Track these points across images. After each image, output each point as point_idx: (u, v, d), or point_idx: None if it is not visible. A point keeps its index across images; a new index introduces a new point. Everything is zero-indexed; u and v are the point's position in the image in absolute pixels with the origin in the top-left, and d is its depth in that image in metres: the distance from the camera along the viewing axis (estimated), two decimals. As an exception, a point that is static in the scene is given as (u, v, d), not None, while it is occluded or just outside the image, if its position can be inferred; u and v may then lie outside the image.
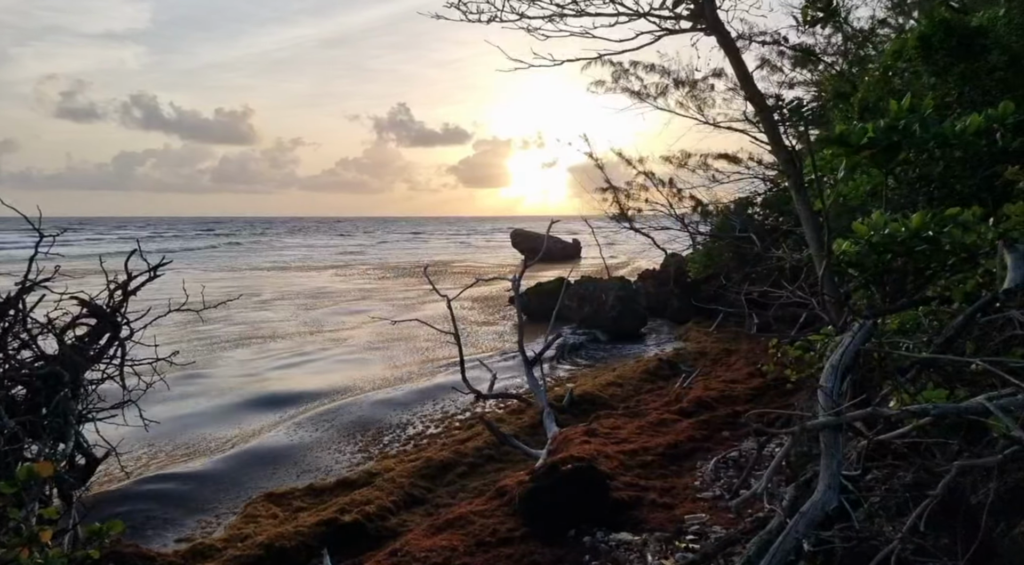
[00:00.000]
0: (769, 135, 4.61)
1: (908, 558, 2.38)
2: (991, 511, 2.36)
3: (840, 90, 8.78)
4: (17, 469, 1.89)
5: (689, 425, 5.77)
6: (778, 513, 2.42)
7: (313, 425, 7.38)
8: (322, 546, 4.24)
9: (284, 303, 18.59)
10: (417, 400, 8.51)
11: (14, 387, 3.31)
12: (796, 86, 12.76)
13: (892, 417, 2.28)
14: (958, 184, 4.75)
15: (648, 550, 3.57)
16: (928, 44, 5.41)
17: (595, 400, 7.46)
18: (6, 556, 1.67)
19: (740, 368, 8.18)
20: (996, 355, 2.96)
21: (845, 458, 2.70)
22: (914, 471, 2.71)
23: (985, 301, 3.05)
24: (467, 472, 5.74)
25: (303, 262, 36.95)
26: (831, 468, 2.16)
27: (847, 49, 11.61)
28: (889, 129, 3.47)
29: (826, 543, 2.54)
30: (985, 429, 2.49)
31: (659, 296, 14.88)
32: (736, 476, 4.58)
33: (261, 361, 10.97)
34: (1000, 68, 5.18)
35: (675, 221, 13.28)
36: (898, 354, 3.02)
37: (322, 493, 5.49)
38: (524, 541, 3.75)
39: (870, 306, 3.65)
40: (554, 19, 4.77)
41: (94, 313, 3.72)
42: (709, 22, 4.39)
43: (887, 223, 3.40)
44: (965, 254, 3.40)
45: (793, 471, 3.52)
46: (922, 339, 3.26)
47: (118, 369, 3.74)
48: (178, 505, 5.25)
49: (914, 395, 2.69)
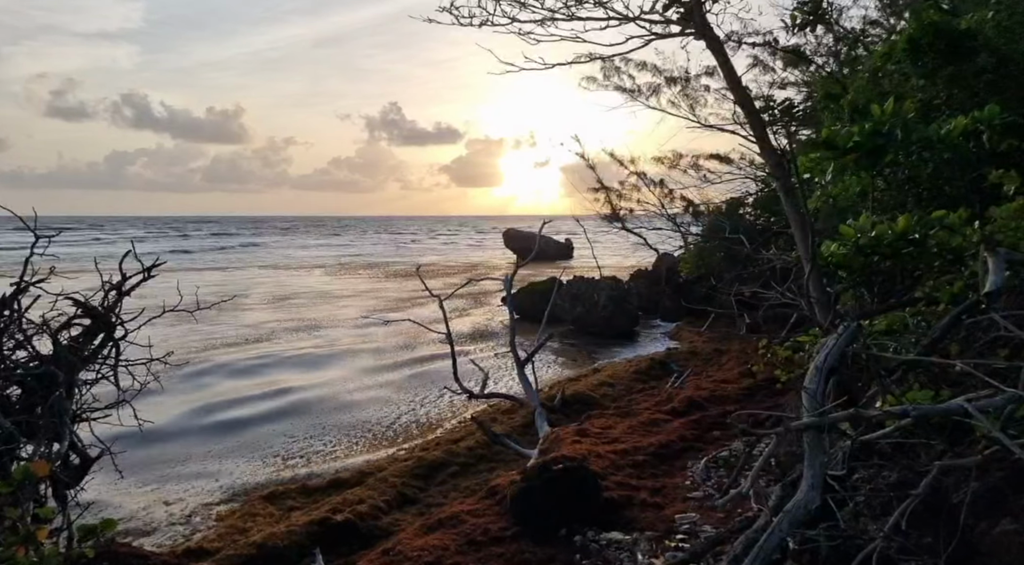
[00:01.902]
0: (758, 137, 4.65)
1: (892, 556, 2.43)
2: (972, 510, 2.41)
3: (830, 91, 8.84)
4: (13, 468, 1.90)
5: (680, 425, 5.81)
6: (764, 512, 2.46)
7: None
8: (315, 545, 4.25)
9: (277, 304, 18.54)
10: (407, 397, 8.56)
11: (9, 387, 3.31)
12: (787, 86, 12.85)
13: (874, 418, 2.33)
14: (947, 186, 4.79)
15: (638, 549, 3.60)
16: (917, 46, 5.45)
17: (587, 400, 7.50)
18: (3, 554, 1.69)
19: (731, 368, 8.24)
20: (981, 356, 3.01)
21: (831, 458, 2.74)
22: (898, 471, 2.76)
23: (970, 303, 3.09)
24: (459, 472, 5.77)
25: (299, 262, 36.83)
26: (814, 468, 2.21)
27: (838, 50, 11.69)
28: (873, 133, 3.52)
29: (812, 542, 2.59)
30: (970, 430, 2.53)
31: (651, 296, 14.96)
32: (726, 476, 4.63)
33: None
34: (988, 70, 5.22)
35: (667, 221, 13.36)
36: (884, 356, 3.07)
37: (314, 492, 5.51)
38: (515, 540, 3.78)
39: (857, 308, 3.70)
40: (545, 23, 4.80)
41: (89, 313, 3.72)
42: (698, 26, 4.43)
43: (874, 225, 3.45)
44: (951, 256, 3.46)
45: (782, 471, 3.56)
46: (909, 340, 3.30)
47: (112, 369, 3.75)
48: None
49: (900, 396, 2.74)
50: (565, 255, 35.24)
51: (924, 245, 3.36)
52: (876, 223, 3.46)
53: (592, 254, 11.40)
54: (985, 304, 3.00)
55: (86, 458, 3.56)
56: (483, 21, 4.88)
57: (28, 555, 1.82)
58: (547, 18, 4.75)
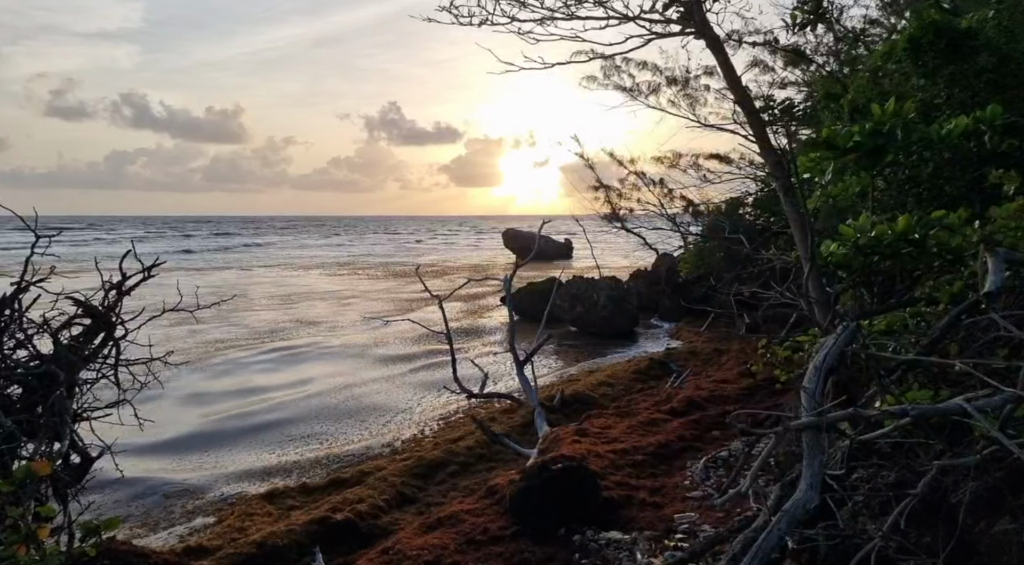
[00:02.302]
0: (757, 137, 4.66)
1: (890, 556, 2.43)
2: (971, 510, 2.42)
3: (830, 91, 8.84)
4: (15, 467, 1.91)
5: (679, 425, 5.82)
6: (763, 512, 2.46)
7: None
8: (314, 544, 4.26)
9: (279, 304, 18.56)
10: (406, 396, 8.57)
11: (10, 386, 3.32)
12: (787, 86, 12.85)
13: (872, 418, 2.33)
14: (947, 186, 4.79)
15: (637, 548, 3.61)
16: (917, 46, 5.45)
17: (586, 400, 7.50)
18: (4, 553, 1.69)
19: (731, 368, 8.24)
20: (980, 356, 3.01)
21: (830, 458, 2.75)
22: (897, 471, 2.76)
23: (969, 303, 3.10)
24: (458, 471, 5.77)
25: (300, 262, 36.82)
26: (812, 467, 2.21)
27: (838, 49, 11.69)
28: (873, 132, 3.52)
29: (810, 541, 2.60)
30: (969, 429, 2.54)
31: (650, 296, 14.96)
32: (726, 476, 4.63)
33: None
34: (989, 70, 5.21)
35: (666, 221, 13.36)
36: (883, 355, 3.07)
37: (314, 491, 5.52)
38: (515, 539, 3.78)
39: (857, 308, 3.70)
40: (544, 22, 4.80)
41: (89, 313, 3.73)
42: (698, 25, 4.43)
43: (874, 225, 3.45)
44: (951, 256, 3.46)
45: (781, 470, 3.57)
46: (909, 340, 3.31)
47: (112, 368, 3.76)
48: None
49: (899, 396, 2.74)
50: (564, 255, 35.24)
51: (924, 245, 3.36)
52: (876, 223, 3.46)
53: (591, 254, 11.41)
54: (985, 304, 3.00)
55: (87, 457, 3.57)
56: (483, 20, 4.89)
57: (29, 553, 1.82)
58: (547, 17, 4.75)
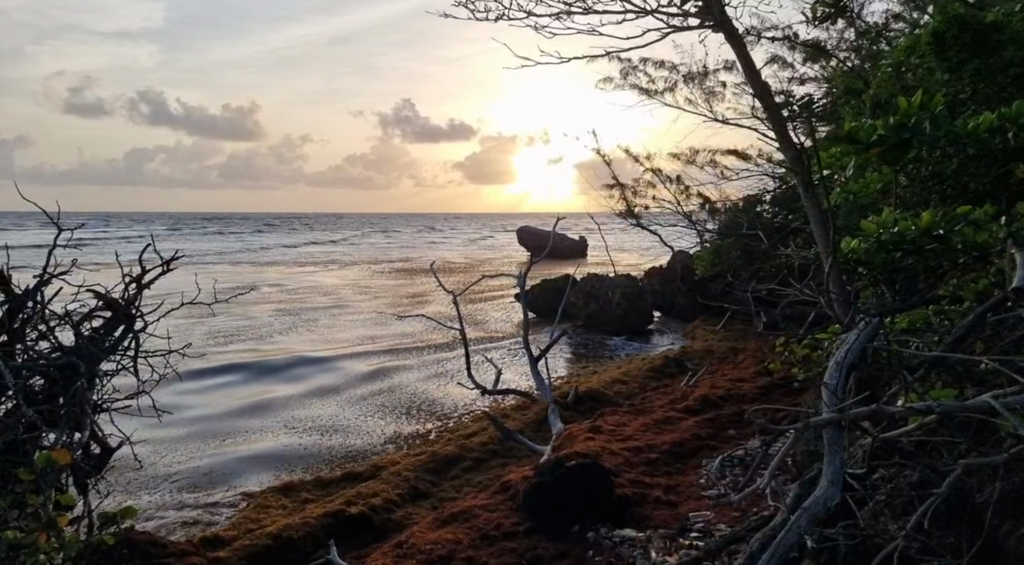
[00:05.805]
0: (777, 132, 4.59)
1: (913, 556, 2.38)
2: (996, 510, 2.36)
3: (852, 86, 8.71)
4: (36, 456, 1.93)
5: (694, 423, 5.77)
6: (782, 510, 2.43)
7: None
8: (329, 537, 4.28)
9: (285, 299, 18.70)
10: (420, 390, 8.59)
11: (32, 377, 3.37)
12: (807, 82, 12.67)
13: (896, 415, 2.28)
14: (971, 182, 4.70)
15: (652, 547, 3.58)
16: (942, 40, 5.35)
17: (600, 397, 7.47)
18: (25, 540, 1.71)
19: (747, 366, 8.16)
20: (1006, 354, 2.95)
21: (851, 457, 2.70)
22: (920, 470, 2.71)
23: (996, 300, 3.03)
24: (472, 467, 5.78)
25: (314, 259, 37.10)
26: (834, 464, 2.17)
27: (860, 45, 11.51)
28: (899, 126, 3.45)
29: (830, 540, 2.55)
30: (994, 428, 2.48)
31: (665, 294, 14.85)
32: (742, 475, 4.59)
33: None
34: (1016, 64, 5.10)
35: (682, 218, 13.25)
36: (907, 353, 3.02)
37: (329, 485, 5.55)
38: (528, 536, 3.77)
39: (879, 304, 3.64)
40: (561, 17, 4.76)
41: (109, 306, 3.77)
42: (717, 19, 4.38)
43: (897, 221, 3.39)
44: (976, 253, 3.39)
45: (799, 469, 3.52)
46: (932, 338, 3.25)
47: (132, 360, 3.80)
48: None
49: (922, 394, 2.69)
50: (579, 252, 35.11)
51: (948, 241, 3.30)
52: (899, 219, 3.40)
53: (606, 251, 11.35)
54: (1012, 301, 2.93)
55: (107, 447, 3.61)
56: (499, 15, 4.86)
57: (49, 541, 1.84)
58: (563, 12, 4.71)
